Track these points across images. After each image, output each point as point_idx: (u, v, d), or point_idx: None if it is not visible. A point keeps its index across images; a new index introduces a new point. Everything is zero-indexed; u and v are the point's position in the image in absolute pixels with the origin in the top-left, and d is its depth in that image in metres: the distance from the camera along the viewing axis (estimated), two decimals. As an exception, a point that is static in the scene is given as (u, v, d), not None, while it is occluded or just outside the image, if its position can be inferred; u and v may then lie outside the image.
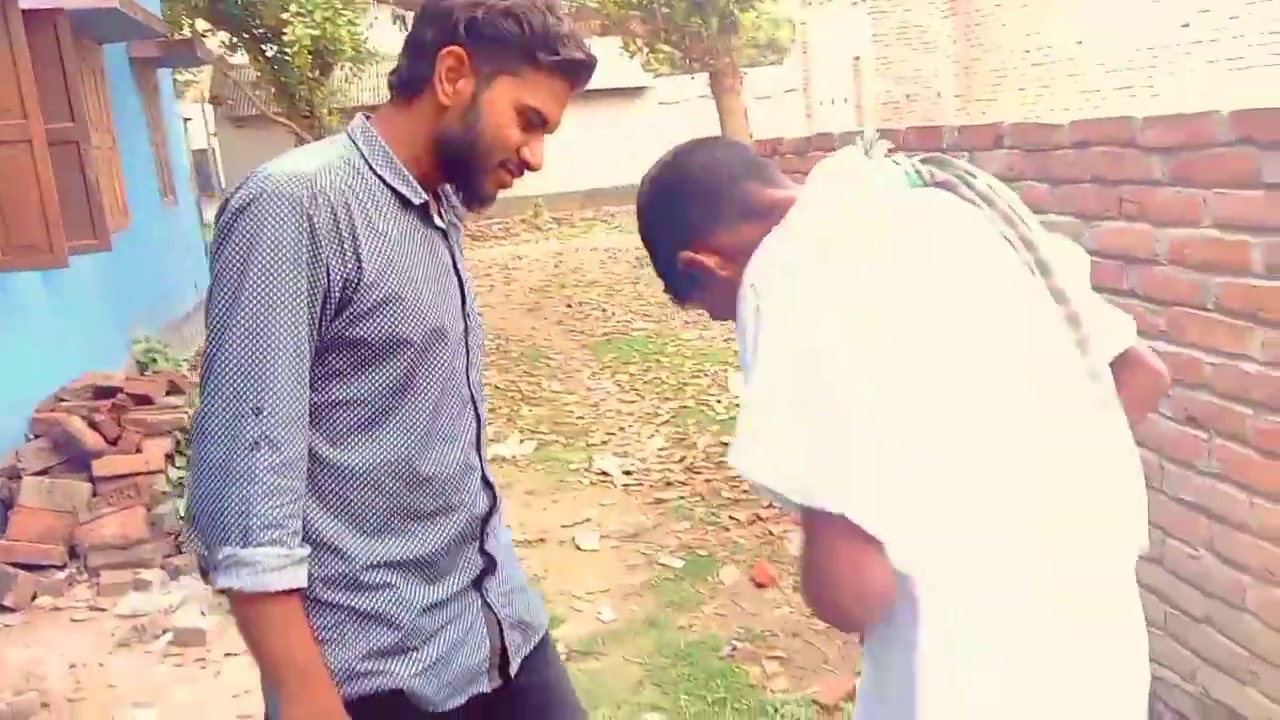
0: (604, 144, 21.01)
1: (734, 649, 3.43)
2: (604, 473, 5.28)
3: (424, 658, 1.42)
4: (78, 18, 5.98)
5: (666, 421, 6.15)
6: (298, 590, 1.30)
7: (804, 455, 1.07)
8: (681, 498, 4.84)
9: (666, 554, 4.25)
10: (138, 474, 4.43)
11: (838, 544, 1.08)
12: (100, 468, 4.41)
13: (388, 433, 1.37)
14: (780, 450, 1.08)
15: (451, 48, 1.36)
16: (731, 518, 4.52)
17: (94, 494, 4.39)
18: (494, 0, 1.36)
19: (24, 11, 4.91)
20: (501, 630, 1.52)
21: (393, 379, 1.36)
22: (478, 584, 1.50)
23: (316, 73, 16.60)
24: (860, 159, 1.27)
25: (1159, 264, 2.48)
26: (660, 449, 5.61)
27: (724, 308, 1.29)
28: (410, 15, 11.50)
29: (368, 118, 1.45)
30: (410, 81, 1.41)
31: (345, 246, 1.31)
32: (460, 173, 1.43)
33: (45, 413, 4.70)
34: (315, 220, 1.29)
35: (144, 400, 4.90)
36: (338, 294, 1.31)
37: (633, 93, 22.13)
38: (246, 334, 1.27)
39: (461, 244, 1.56)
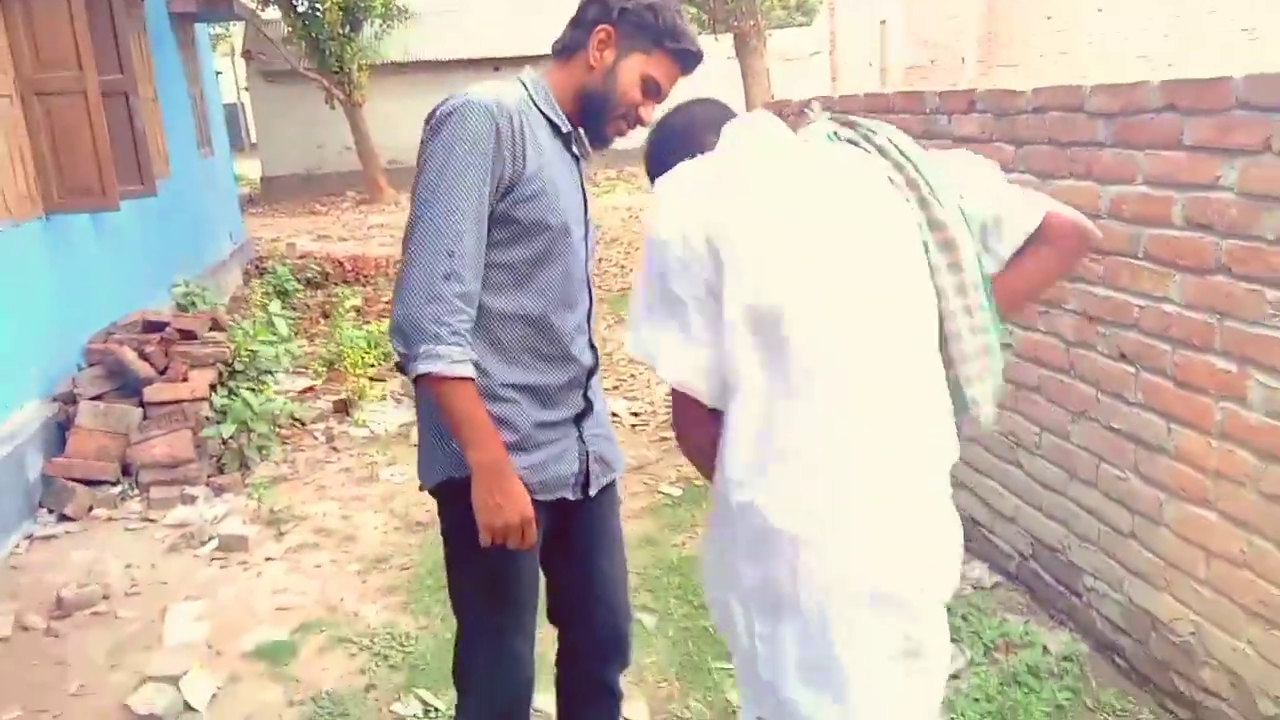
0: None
1: (722, 564, 3.79)
2: (614, 414, 5.63)
3: (531, 459, 1.90)
4: (125, -26, 6.31)
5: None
6: (470, 379, 1.77)
7: (654, 339, 1.53)
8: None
9: (667, 484, 4.61)
10: (184, 401, 4.82)
11: (679, 403, 1.59)
12: (150, 394, 4.81)
13: (528, 291, 1.86)
14: (643, 333, 1.55)
15: (605, 26, 1.87)
16: (729, 454, 4.86)
17: (144, 418, 4.79)
18: None
19: (79, -32, 5.24)
20: (588, 459, 2.00)
21: (535, 252, 1.85)
22: (578, 421, 1.99)
23: (347, 29, 16.86)
24: (766, 119, 1.68)
25: (1102, 218, 2.78)
26: (666, 394, 5.95)
27: None
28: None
29: (537, 70, 1.96)
30: (571, 47, 1.91)
31: (516, 149, 1.79)
32: (593, 117, 1.92)
33: (98, 344, 5.09)
34: (500, 125, 1.76)
35: (189, 335, 5.28)
36: (506, 182, 1.79)
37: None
38: (446, 199, 1.74)
39: (585, 175, 2.05)
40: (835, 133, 1.61)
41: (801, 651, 1.50)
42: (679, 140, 1.77)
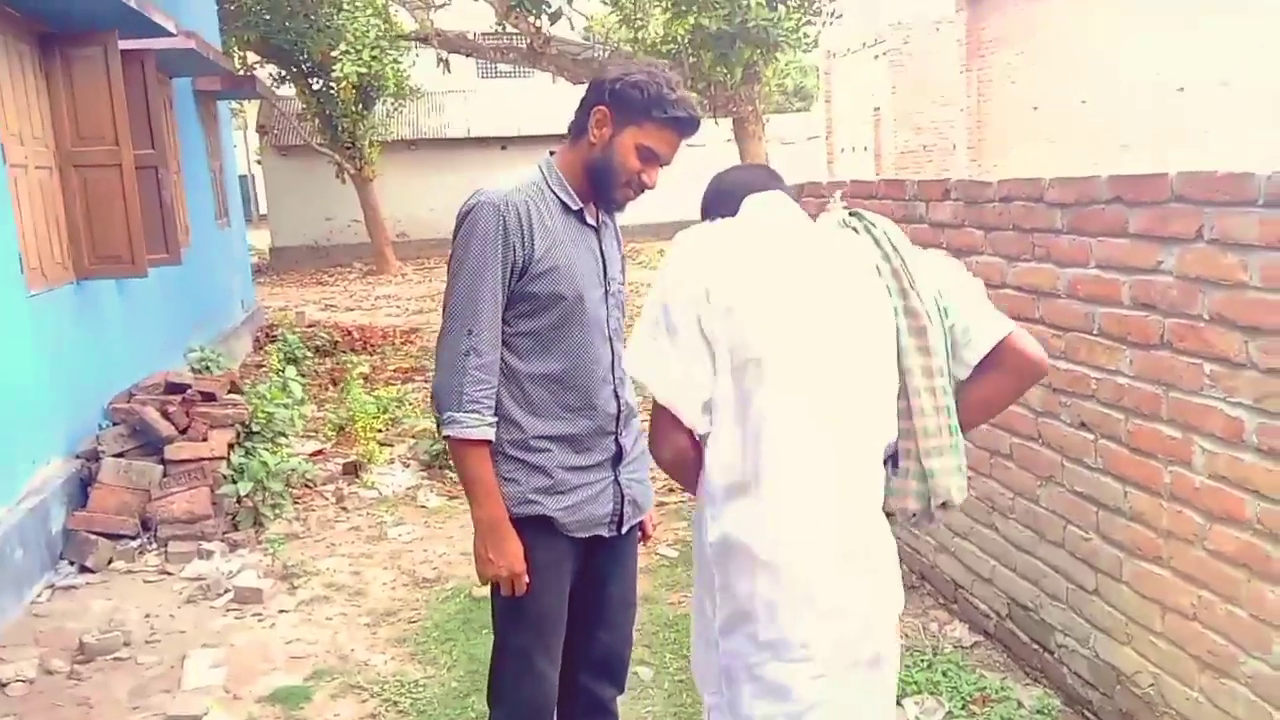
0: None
1: (715, 621, 3.98)
2: (613, 479, 5.83)
3: (565, 500, 2.19)
4: (159, 55, 6.70)
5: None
6: (487, 442, 2.11)
7: (652, 360, 1.78)
8: (680, 501, 5.39)
9: (664, 546, 4.80)
10: (203, 459, 5.04)
11: (660, 417, 1.80)
12: (171, 453, 5.03)
13: (552, 354, 2.16)
14: (642, 354, 1.81)
15: (600, 106, 2.13)
16: (723, 518, 5.07)
17: (164, 475, 5.00)
18: (628, 75, 2.11)
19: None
20: (622, 500, 2.27)
21: (553, 320, 2.15)
22: (614, 465, 2.26)
23: (360, 106, 17.43)
24: (780, 199, 1.95)
25: (1060, 297, 3.05)
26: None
27: None
28: (450, 56, 12.10)
29: (551, 153, 2.24)
30: (577, 129, 2.19)
31: (524, 236, 2.11)
32: (600, 188, 2.18)
33: (122, 404, 5.33)
34: (506, 219, 2.09)
35: (209, 397, 5.52)
36: (519, 265, 2.11)
37: (661, 134, 22.82)
38: (466, 284, 2.10)
39: (612, 238, 2.34)
40: (844, 220, 1.89)
41: (769, 666, 1.73)
42: (722, 198, 2.04)
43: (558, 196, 2.18)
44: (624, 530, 2.31)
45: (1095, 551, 3.03)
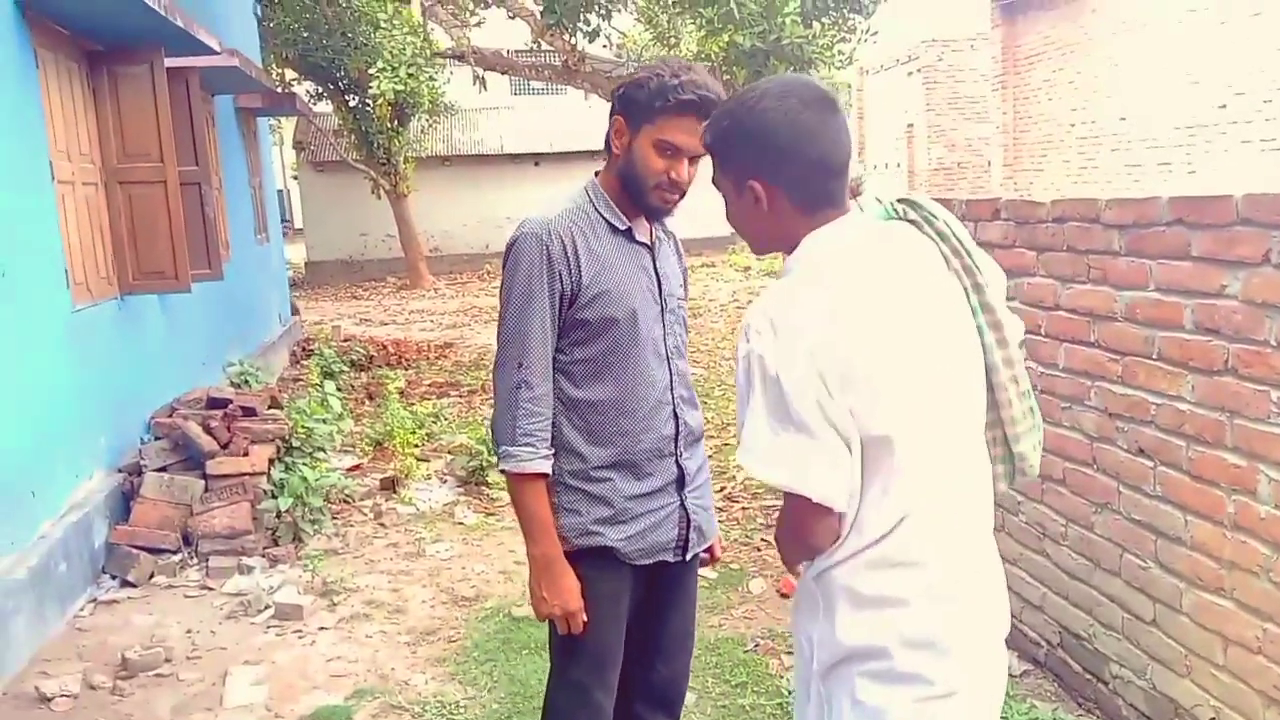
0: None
1: (757, 645, 3.93)
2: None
3: (628, 529, 2.15)
4: (203, 73, 6.78)
5: (710, 456, 6.64)
6: (543, 475, 2.09)
7: (794, 460, 1.53)
8: (720, 521, 5.34)
9: (703, 567, 4.75)
10: (244, 474, 5.06)
11: (811, 516, 1.56)
12: (213, 468, 5.05)
13: (607, 378, 2.13)
14: (770, 456, 1.54)
15: (615, 117, 2.10)
16: (763, 539, 5.03)
17: (206, 490, 5.02)
18: (633, 77, 2.07)
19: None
20: (688, 526, 2.22)
21: (608, 344, 2.12)
22: (679, 489, 2.20)
23: (395, 123, 17.58)
24: (848, 226, 1.65)
25: (1117, 320, 2.99)
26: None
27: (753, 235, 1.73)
28: (487, 74, 12.15)
29: (596, 174, 2.20)
30: (606, 146, 2.15)
31: (570, 264, 2.08)
32: (637, 198, 2.12)
33: (164, 419, 5.37)
34: (550, 249, 2.07)
35: (250, 412, 5.55)
36: (569, 294, 2.09)
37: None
38: (514, 318, 2.09)
39: (672, 253, 2.28)
40: (894, 207, 1.70)
41: None
42: (801, 160, 1.61)
43: (604, 217, 2.15)
44: (688, 557, 2.26)
45: (1153, 581, 2.96)
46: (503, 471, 2.12)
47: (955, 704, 1.61)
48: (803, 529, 1.61)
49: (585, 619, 2.14)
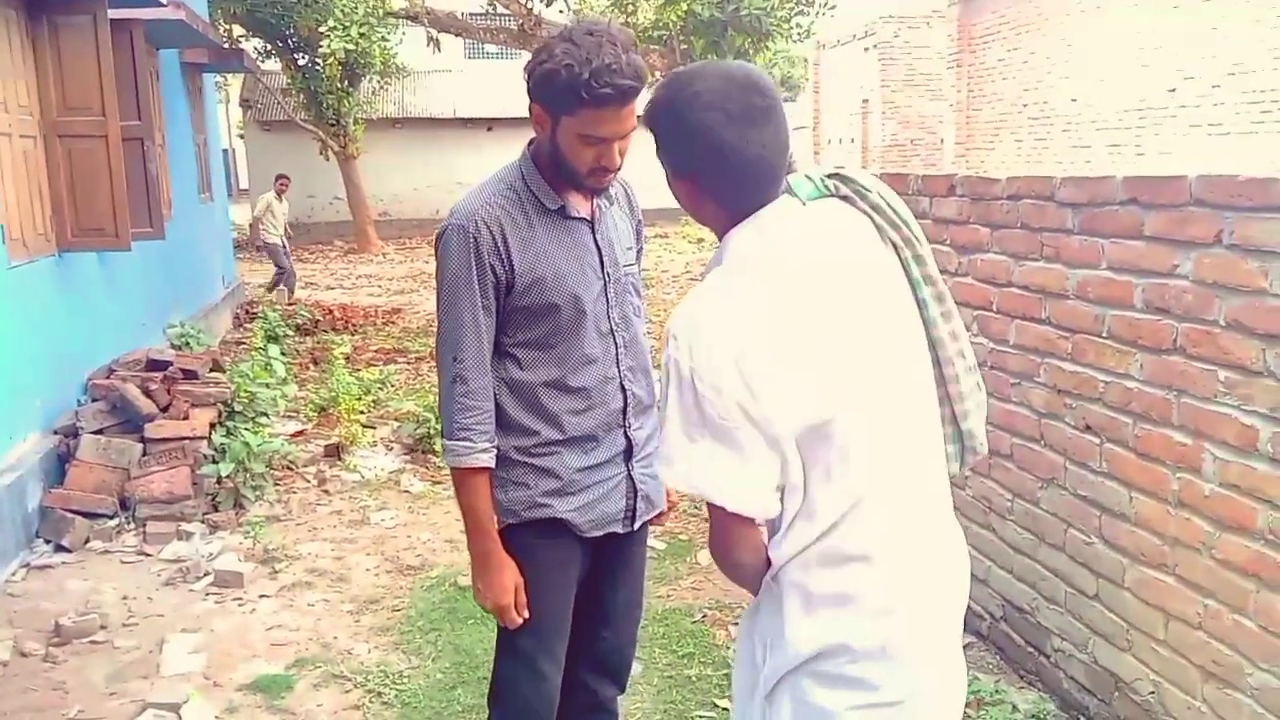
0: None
1: (704, 616, 3.94)
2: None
3: (577, 500, 2.14)
4: (147, 26, 6.55)
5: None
6: (483, 469, 2.05)
7: (705, 469, 1.46)
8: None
9: (652, 538, 4.74)
10: (184, 438, 4.94)
11: (732, 529, 1.51)
12: (152, 431, 4.93)
13: (551, 361, 2.10)
14: (689, 464, 1.47)
15: (533, 104, 1.97)
16: (712, 511, 5.02)
17: (144, 453, 4.90)
18: (541, 62, 1.89)
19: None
20: (635, 496, 2.20)
21: (550, 326, 2.08)
22: (626, 460, 2.18)
23: (345, 83, 17.22)
24: (782, 210, 1.58)
25: (1068, 298, 3.01)
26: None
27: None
28: (441, 36, 11.96)
29: (530, 144, 2.08)
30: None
31: (501, 254, 2.01)
32: (569, 180, 2.04)
33: (102, 380, 5.22)
34: (479, 240, 2.00)
35: (191, 374, 5.41)
36: (503, 282, 2.03)
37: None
38: (446, 313, 2.04)
39: (621, 213, 2.21)
40: (824, 183, 1.62)
41: None
42: (682, 139, 1.55)
43: (535, 196, 2.05)
44: (636, 526, 2.24)
45: (1097, 556, 2.99)
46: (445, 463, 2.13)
47: (901, 712, 1.55)
48: (725, 540, 1.54)
49: (525, 614, 2.13)
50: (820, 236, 1.59)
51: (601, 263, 2.13)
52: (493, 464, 2.08)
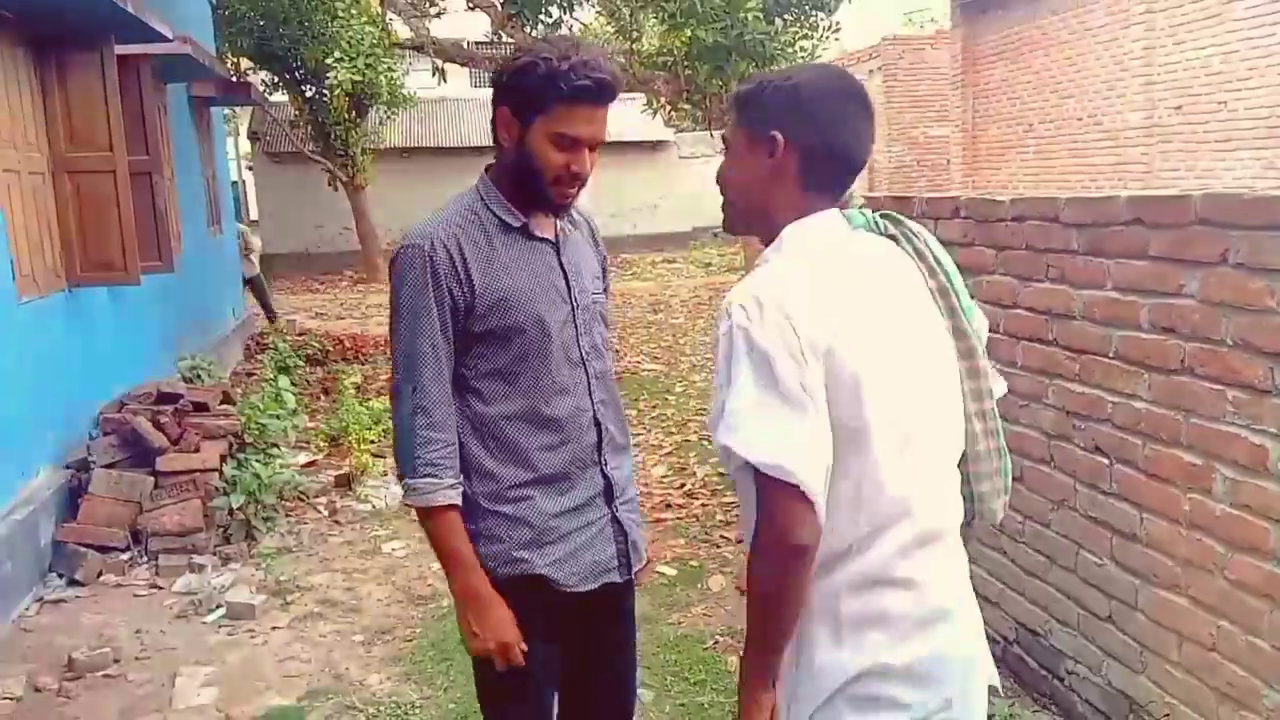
0: (627, 193, 21.63)
1: (716, 642, 3.92)
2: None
3: (556, 551, 1.95)
4: (155, 61, 6.63)
5: (670, 453, 6.66)
6: (452, 506, 1.88)
7: (762, 431, 1.44)
8: (678, 518, 5.34)
9: (663, 564, 4.73)
10: (196, 471, 4.96)
11: (783, 501, 1.43)
12: (163, 464, 4.94)
13: (517, 392, 1.93)
14: (760, 433, 1.44)
15: (500, 107, 1.90)
16: (722, 536, 5.02)
17: (156, 487, 4.91)
18: (515, 63, 1.86)
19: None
20: (626, 539, 2.04)
21: (516, 352, 1.92)
22: (609, 501, 2.02)
23: (353, 114, 17.34)
24: (825, 221, 1.61)
25: (1075, 319, 3.01)
26: (662, 476, 6.12)
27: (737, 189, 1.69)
28: (447, 66, 12.05)
29: (487, 168, 2.00)
30: (495, 140, 1.94)
31: (459, 275, 1.89)
32: (530, 192, 1.93)
33: (113, 414, 5.24)
34: (436, 261, 1.87)
35: (201, 407, 5.44)
36: (462, 305, 1.89)
37: (656, 146, 22.80)
38: (402, 340, 1.90)
39: (585, 243, 2.09)
40: (875, 222, 1.65)
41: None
42: (803, 117, 1.59)
43: (496, 215, 1.94)
44: (633, 573, 2.08)
45: (1109, 578, 2.98)
46: (408, 505, 1.93)
47: None
48: (787, 519, 1.44)
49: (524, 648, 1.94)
50: (877, 257, 1.63)
51: (568, 286, 1.99)
52: (459, 501, 1.90)
